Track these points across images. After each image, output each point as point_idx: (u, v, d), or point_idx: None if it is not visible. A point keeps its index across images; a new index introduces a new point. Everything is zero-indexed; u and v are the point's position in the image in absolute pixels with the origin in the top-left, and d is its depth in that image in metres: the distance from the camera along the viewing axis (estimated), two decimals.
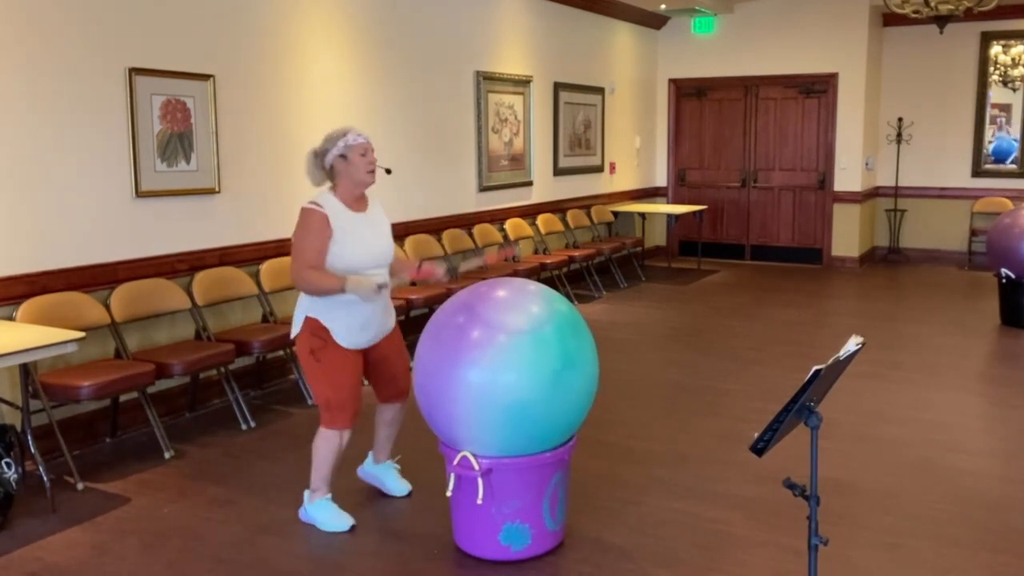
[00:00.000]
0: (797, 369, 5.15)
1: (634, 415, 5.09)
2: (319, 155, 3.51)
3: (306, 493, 3.67)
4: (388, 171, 3.66)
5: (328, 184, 3.57)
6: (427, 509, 3.77)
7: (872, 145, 10.59)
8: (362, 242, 3.49)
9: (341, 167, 3.49)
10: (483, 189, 7.81)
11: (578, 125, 9.40)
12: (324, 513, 3.61)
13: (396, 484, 3.93)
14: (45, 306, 4.29)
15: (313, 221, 3.42)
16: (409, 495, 3.90)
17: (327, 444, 3.56)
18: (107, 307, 4.60)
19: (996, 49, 10.18)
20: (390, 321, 3.69)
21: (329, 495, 3.64)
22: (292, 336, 3.59)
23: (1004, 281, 7.23)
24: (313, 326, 3.48)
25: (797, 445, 3.13)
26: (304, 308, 3.52)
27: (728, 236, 11.09)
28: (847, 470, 4.18)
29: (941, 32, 8.34)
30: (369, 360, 3.67)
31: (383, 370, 3.73)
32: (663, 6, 9.95)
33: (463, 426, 3.13)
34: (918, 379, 5.78)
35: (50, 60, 4.35)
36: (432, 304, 6.16)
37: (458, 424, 3.14)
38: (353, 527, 3.58)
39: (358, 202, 3.55)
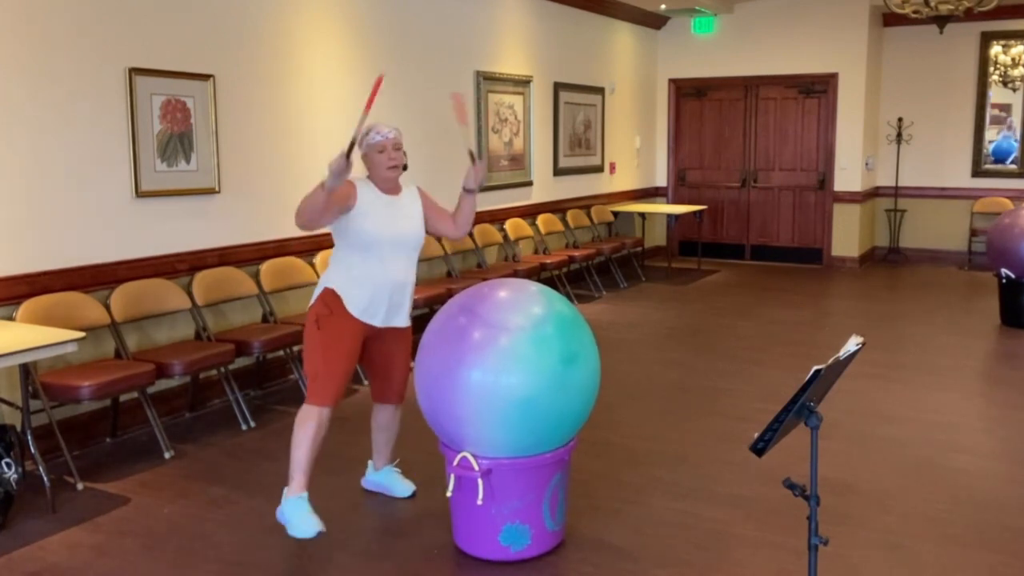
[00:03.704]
0: (797, 369, 5.15)
1: (634, 415, 5.09)
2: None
3: (284, 490, 3.51)
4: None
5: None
6: (427, 509, 3.77)
7: (872, 145, 10.59)
8: (385, 220, 3.54)
9: (367, 163, 3.61)
10: (483, 189, 7.79)
11: (578, 125, 9.40)
12: (294, 514, 3.41)
13: (401, 486, 3.93)
14: (45, 306, 4.29)
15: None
16: (414, 495, 3.90)
17: (306, 423, 3.47)
18: (107, 307, 4.60)
19: (996, 49, 10.18)
20: (404, 314, 3.69)
21: (305, 493, 3.46)
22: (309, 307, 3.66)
23: (1004, 281, 7.23)
24: (327, 296, 3.54)
25: (797, 445, 3.13)
26: (324, 280, 3.60)
27: (728, 236, 11.09)
28: (847, 470, 4.18)
29: (941, 32, 8.34)
30: (371, 352, 3.69)
31: (382, 366, 3.74)
32: (663, 6, 9.95)
33: (469, 427, 3.13)
34: (918, 379, 5.78)
35: (50, 60, 4.35)
36: (432, 304, 6.16)
37: (464, 425, 3.14)
38: (320, 534, 3.36)
39: (390, 190, 3.64)
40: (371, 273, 3.54)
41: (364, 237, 3.52)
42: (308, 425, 3.50)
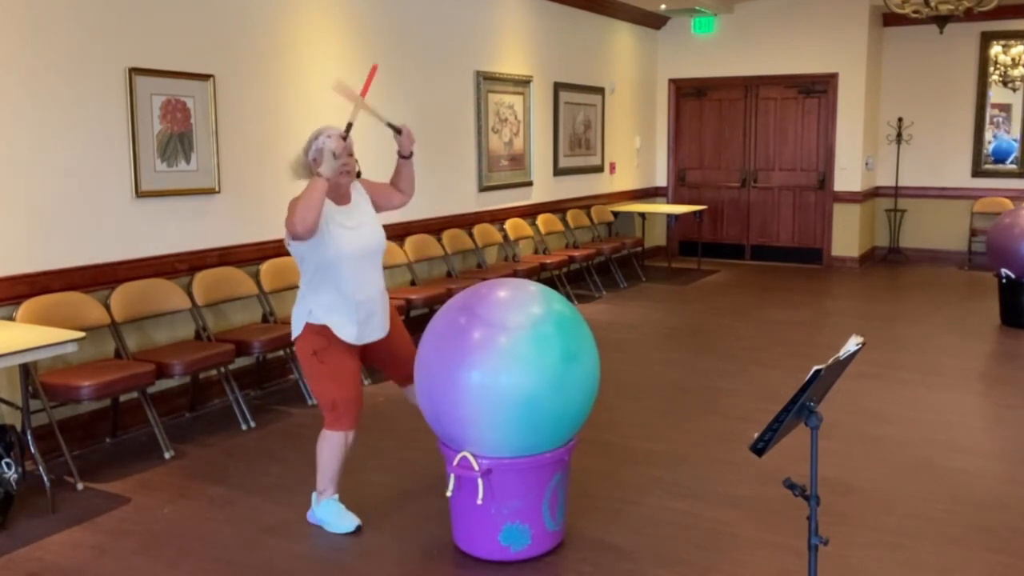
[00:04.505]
0: (797, 369, 5.15)
1: (634, 415, 5.09)
2: (306, 156, 3.53)
3: (313, 495, 3.67)
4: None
5: None
6: (427, 509, 3.77)
7: (872, 145, 10.59)
8: (347, 235, 3.48)
9: (315, 169, 3.45)
10: (483, 189, 7.81)
11: (578, 125, 9.40)
12: (329, 513, 3.60)
13: None
14: (45, 306, 4.29)
15: None
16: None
17: (332, 446, 3.55)
18: (107, 307, 4.60)
19: (996, 49, 10.18)
20: (388, 316, 3.69)
21: (336, 495, 3.63)
22: (292, 339, 3.58)
23: (1004, 281, 7.23)
24: (314, 328, 3.48)
25: (797, 445, 3.13)
26: (303, 312, 3.51)
27: (728, 236, 11.09)
28: (847, 470, 4.18)
29: (941, 32, 8.34)
30: (375, 355, 3.67)
31: (391, 357, 3.72)
32: (663, 6, 9.95)
33: (469, 427, 3.13)
34: (918, 379, 5.78)
35: (51, 60, 4.35)
36: (432, 304, 6.17)
37: (464, 425, 3.14)
38: (359, 527, 3.57)
39: (342, 197, 3.56)
40: (344, 294, 3.45)
41: (329, 255, 3.43)
42: (335, 447, 3.55)
